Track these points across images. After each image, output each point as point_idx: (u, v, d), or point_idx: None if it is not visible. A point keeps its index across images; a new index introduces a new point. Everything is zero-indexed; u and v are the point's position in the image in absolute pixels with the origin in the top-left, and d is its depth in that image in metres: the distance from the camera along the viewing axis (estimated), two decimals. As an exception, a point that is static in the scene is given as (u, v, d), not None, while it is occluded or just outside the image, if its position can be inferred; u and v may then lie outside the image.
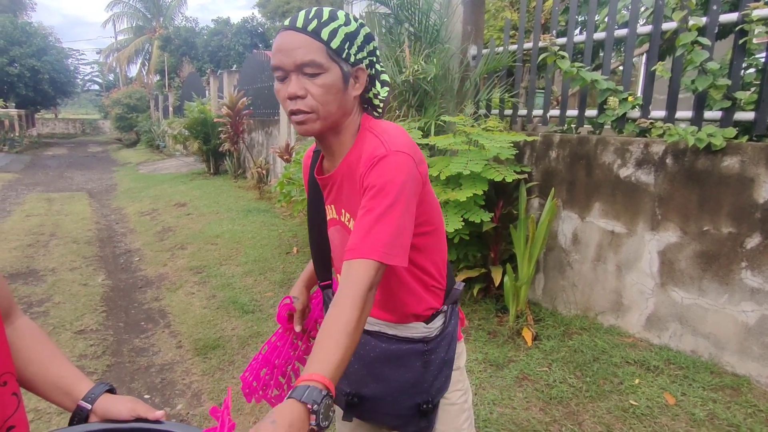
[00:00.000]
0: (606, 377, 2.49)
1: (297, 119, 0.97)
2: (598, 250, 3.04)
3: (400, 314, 1.10)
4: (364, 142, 1.00)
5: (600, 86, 2.94)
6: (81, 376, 0.88)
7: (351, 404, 1.13)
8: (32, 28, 23.54)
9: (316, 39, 0.92)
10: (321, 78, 0.93)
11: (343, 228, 1.08)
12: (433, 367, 1.09)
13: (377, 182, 0.91)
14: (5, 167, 13.24)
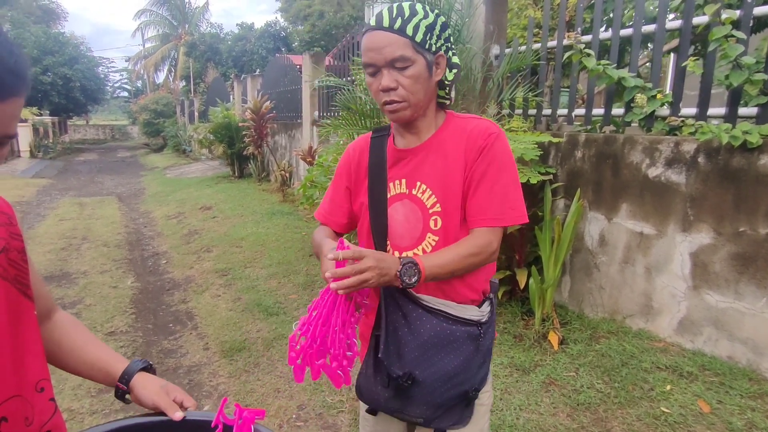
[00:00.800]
0: (636, 383, 2.42)
1: (390, 108, 1.10)
2: (626, 252, 2.96)
3: (466, 293, 1.17)
4: (455, 121, 1.18)
5: (627, 84, 2.87)
6: (117, 357, 0.92)
7: (401, 388, 1.12)
8: (64, 37, 24.36)
9: (402, 36, 1.05)
10: (410, 70, 1.06)
11: (412, 200, 1.17)
12: (482, 352, 1.16)
13: (499, 154, 1.11)
14: (40, 173, 13.71)
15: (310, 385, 2.64)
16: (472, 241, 1.09)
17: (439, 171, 1.14)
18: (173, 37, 29.94)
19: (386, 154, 1.19)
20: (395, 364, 1.11)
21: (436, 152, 1.15)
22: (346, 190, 1.28)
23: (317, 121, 7.59)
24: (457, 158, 1.13)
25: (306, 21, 22.47)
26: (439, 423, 1.16)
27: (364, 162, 1.23)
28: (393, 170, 1.20)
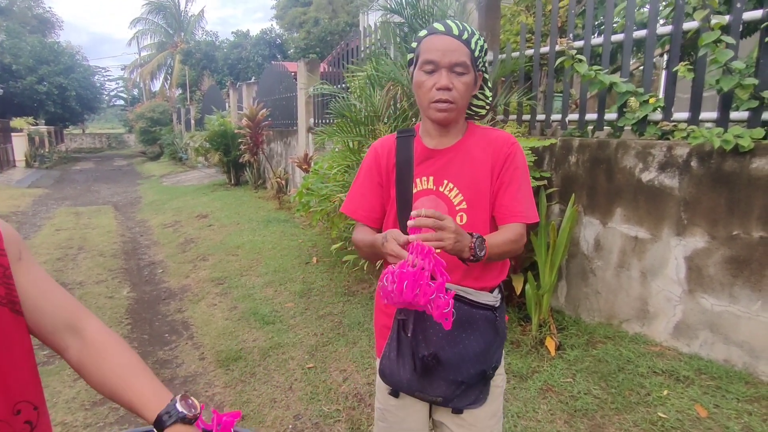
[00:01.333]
0: (632, 388, 2.41)
1: (441, 107, 1.20)
2: (622, 257, 2.96)
3: (484, 280, 1.27)
4: (478, 130, 1.31)
5: (619, 89, 2.88)
6: (147, 398, 0.82)
7: (426, 367, 1.22)
8: (60, 47, 24.38)
9: (467, 46, 1.18)
10: (465, 77, 1.18)
11: (439, 197, 1.27)
12: (500, 333, 1.27)
13: (521, 163, 1.26)
14: (36, 182, 13.68)
15: (306, 394, 2.63)
16: (513, 230, 1.21)
17: (466, 172, 1.26)
18: (169, 45, 29.99)
19: (413, 152, 1.29)
20: (421, 345, 1.22)
21: (464, 155, 1.27)
22: (378, 185, 1.34)
23: (313, 129, 7.60)
24: (483, 162, 1.26)
25: (301, 28, 22.55)
26: (458, 402, 1.26)
27: (392, 159, 1.32)
28: (421, 167, 1.29)
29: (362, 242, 1.28)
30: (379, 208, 1.35)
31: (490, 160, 1.25)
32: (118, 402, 0.85)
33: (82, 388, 2.79)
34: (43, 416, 0.85)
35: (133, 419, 2.53)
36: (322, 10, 22.88)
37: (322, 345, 3.15)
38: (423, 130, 1.32)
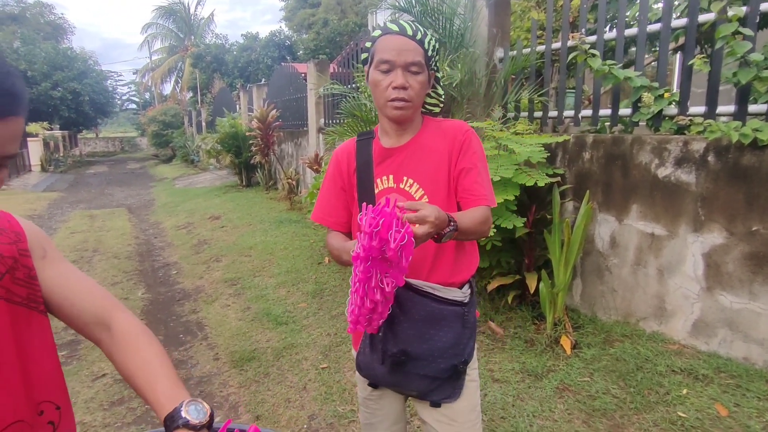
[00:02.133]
0: (651, 387, 2.38)
1: (398, 105, 1.22)
2: (638, 254, 2.92)
3: (453, 276, 1.29)
4: (432, 123, 1.33)
5: (634, 83, 2.84)
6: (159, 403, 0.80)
7: (397, 362, 1.25)
8: (73, 53, 24.73)
9: (420, 46, 1.21)
10: (420, 76, 1.21)
11: (401, 194, 1.29)
12: (468, 328, 1.29)
13: (478, 148, 1.29)
14: (51, 186, 13.89)
15: (321, 394, 2.63)
16: (481, 212, 1.23)
17: (424, 166, 1.28)
18: (179, 48, 30.26)
19: (372, 153, 1.32)
20: (390, 342, 1.25)
21: (420, 150, 1.29)
22: (341, 190, 1.37)
23: (323, 129, 7.62)
24: (440, 153, 1.28)
25: (310, 29, 22.61)
26: (433, 396, 1.29)
27: (352, 163, 1.35)
28: (380, 167, 1.32)
29: (335, 249, 1.30)
30: (346, 213, 1.37)
31: (447, 149, 1.28)
32: (141, 398, 0.86)
33: (101, 389, 2.82)
34: (66, 416, 0.86)
35: (150, 419, 2.55)
36: (330, 11, 22.93)
37: (335, 345, 3.15)
38: (381, 130, 1.35)
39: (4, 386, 0.74)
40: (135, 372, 0.85)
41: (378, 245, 0.96)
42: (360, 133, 1.39)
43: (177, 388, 0.82)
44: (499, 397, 2.41)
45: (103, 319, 0.89)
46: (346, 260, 1.19)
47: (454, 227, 1.10)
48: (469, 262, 1.34)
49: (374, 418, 1.44)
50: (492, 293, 3.33)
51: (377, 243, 0.96)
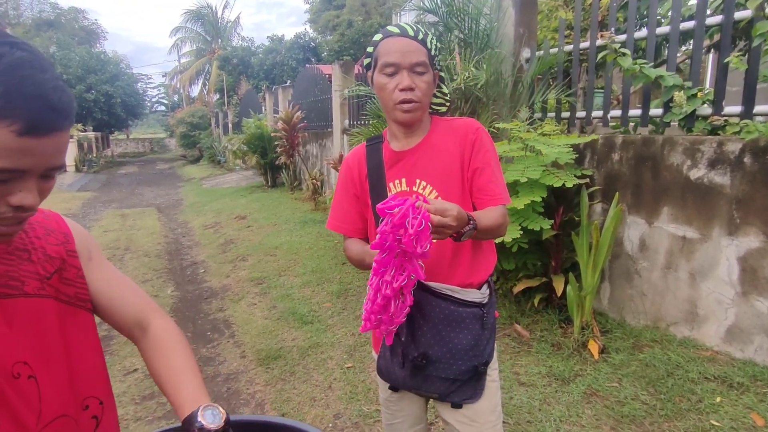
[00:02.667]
0: (683, 394, 2.32)
1: (407, 107, 1.22)
2: (669, 257, 2.85)
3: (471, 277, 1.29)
4: (442, 122, 1.33)
5: (666, 83, 2.78)
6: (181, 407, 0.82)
7: (418, 366, 1.26)
8: (106, 56, 25.51)
9: (424, 46, 1.21)
10: (426, 76, 1.21)
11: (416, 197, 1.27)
12: (487, 329, 1.29)
13: (490, 146, 1.28)
14: (85, 186, 14.34)
15: (346, 394, 2.65)
16: (499, 212, 1.23)
17: (436, 166, 1.28)
18: (207, 51, 30.87)
19: (383, 157, 1.32)
20: (410, 346, 1.26)
21: (431, 151, 1.29)
22: (354, 196, 1.37)
23: (347, 130, 7.66)
24: (452, 153, 1.27)
25: (335, 31, 22.78)
26: (454, 397, 1.29)
27: (363, 169, 1.35)
28: (392, 171, 1.32)
29: (355, 254, 1.33)
30: (360, 219, 1.38)
31: (458, 149, 1.27)
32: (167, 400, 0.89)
33: (132, 383, 2.90)
34: (109, 410, 0.89)
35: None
36: (355, 13, 23.06)
37: (360, 345, 3.17)
38: (390, 134, 1.34)
39: (52, 382, 0.77)
40: (163, 375, 0.89)
41: (394, 230, 0.97)
42: (369, 138, 1.39)
43: (199, 393, 0.84)
44: (525, 401, 2.39)
45: (141, 321, 0.92)
46: (369, 263, 1.18)
47: (473, 226, 1.10)
48: (486, 261, 1.34)
49: (395, 419, 1.46)
50: (518, 295, 3.29)
51: (393, 228, 0.97)
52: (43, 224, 0.86)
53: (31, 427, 0.73)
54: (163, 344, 0.92)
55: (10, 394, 0.71)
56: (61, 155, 0.70)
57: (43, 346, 0.77)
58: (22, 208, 0.68)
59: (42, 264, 0.81)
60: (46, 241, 0.84)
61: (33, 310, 0.77)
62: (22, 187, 0.67)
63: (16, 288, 0.76)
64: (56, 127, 0.66)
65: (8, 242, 0.78)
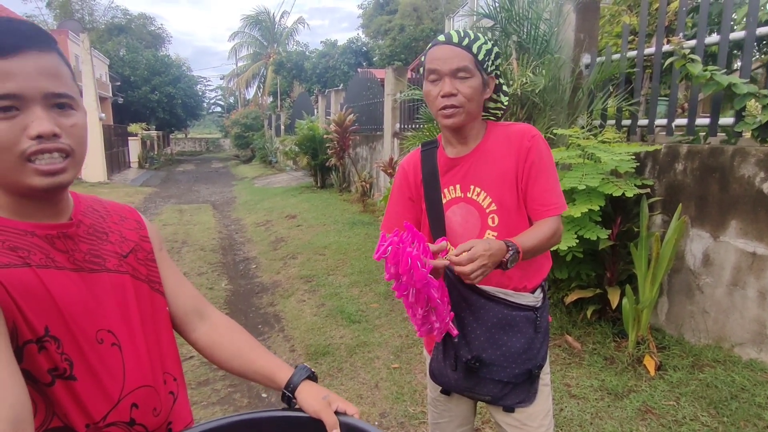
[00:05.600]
0: (748, 419, 2.20)
1: (447, 113, 1.22)
2: (735, 274, 2.71)
3: (524, 281, 1.29)
4: (498, 128, 1.31)
5: (739, 90, 2.65)
6: (280, 365, 0.95)
7: (470, 369, 1.27)
8: (169, 59, 26.89)
9: (468, 51, 1.20)
10: (469, 81, 1.20)
11: (469, 203, 1.31)
12: (541, 332, 1.29)
13: (545, 153, 1.26)
14: (147, 182, 15.15)
15: (392, 393, 2.68)
16: (549, 225, 1.22)
17: (491, 173, 1.28)
18: (263, 56, 31.90)
19: (437, 163, 1.33)
20: (464, 349, 1.26)
21: (485, 157, 1.29)
22: (409, 200, 1.39)
23: (398, 133, 7.72)
24: (507, 161, 1.26)
25: (386, 35, 22.99)
26: (506, 401, 1.29)
27: (418, 174, 1.36)
28: (446, 177, 1.33)
29: None
30: (415, 224, 1.38)
31: (514, 156, 1.26)
32: (246, 371, 0.96)
33: (188, 370, 3.05)
34: (182, 388, 0.94)
35: (233, 401, 2.73)
36: (407, 18, 23.18)
37: (407, 347, 3.19)
38: (444, 140, 1.35)
39: (135, 352, 0.83)
40: (245, 348, 0.98)
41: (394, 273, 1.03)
42: (424, 143, 1.39)
43: (278, 359, 0.98)
44: (576, 414, 2.33)
45: (202, 310, 1.01)
46: None
47: (514, 250, 1.11)
48: (541, 266, 1.33)
49: (442, 418, 1.47)
50: (569, 306, 3.22)
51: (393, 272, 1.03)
52: (118, 212, 0.94)
53: (115, 393, 0.79)
54: (232, 326, 1.02)
55: (93, 358, 0.76)
56: (54, 81, 0.73)
57: (125, 318, 0.83)
58: (42, 138, 0.71)
59: (119, 244, 0.88)
60: (121, 225, 0.92)
61: (114, 284, 0.84)
62: (33, 117, 0.71)
63: (98, 264, 0.83)
64: (20, 45, 0.70)
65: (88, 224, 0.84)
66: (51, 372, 0.72)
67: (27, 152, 0.71)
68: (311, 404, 0.87)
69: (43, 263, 0.74)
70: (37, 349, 0.71)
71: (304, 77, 22.65)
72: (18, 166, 0.71)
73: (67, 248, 0.79)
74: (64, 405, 0.73)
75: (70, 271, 0.78)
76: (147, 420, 0.83)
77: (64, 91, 0.74)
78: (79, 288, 0.77)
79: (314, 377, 0.94)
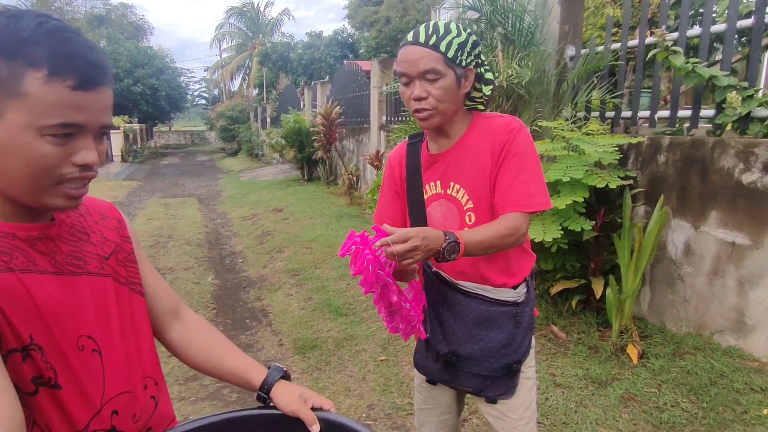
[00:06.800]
0: (726, 404, 2.25)
1: (420, 116, 1.21)
2: (716, 263, 2.76)
3: (504, 277, 1.28)
4: (482, 120, 1.28)
5: (720, 83, 2.69)
6: (254, 365, 0.95)
7: (448, 363, 1.29)
8: (152, 51, 26.38)
9: (435, 51, 1.15)
10: (439, 82, 1.17)
11: (449, 200, 1.29)
12: (522, 328, 1.28)
13: (521, 148, 1.20)
14: (130, 175, 14.93)
15: (379, 386, 2.69)
16: (505, 222, 1.18)
17: (469, 170, 1.26)
18: (248, 47, 31.52)
19: (421, 158, 1.32)
20: (441, 344, 1.29)
21: (466, 153, 1.26)
22: (395, 194, 1.40)
23: (385, 126, 7.70)
24: (484, 156, 1.24)
25: (372, 27, 22.84)
26: (488, 392, 1.32)
27: (403, 168, 1.36)
28: (428, 173, 1.32)
29: None
30: (402, 216, 1.39)
31: (490, 150, 1.23)
32: (219, 371, 0.96)
33: (176, 365, 3.03)
34: (163, 391, 0.93)
35: (221, 396, 2.72)
36: (393, 9, 23.04)
37: (393, 339, 3.21)
38: (428, 134, 1.34)
39: (114, 358, 0.81)
40: (218, 349, 0.98)
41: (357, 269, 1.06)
42: (411, 135, 1.39)
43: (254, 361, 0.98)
44: (561, 402, 2.37)
45: (177, 310, 1.01)
46: None
47: (451, 242, 1.07)
48: (522, 263, 1.32)
49: (426, 405, 1.50)
50: (555, 297, 3.26)
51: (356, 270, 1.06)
52: (98, 210, 0.92)
53: (96, 400, 0.77)
54: (205, 327, 1.03)
55: (76, 364, 0.75)
56: (109, 113, 0.75)
57: (105, 323, 0.81)
58: (86, 167, 0.72)
59: (100, 245, 0.86)
60: (102, 225, 0.89)
61: (95, 288, 0.81)
62: (83, 145, 0.71)
63: (79, 267, 0.80)
64: (101, 81, 0.71)
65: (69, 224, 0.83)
66: (35, 381, 0.71)
67: (65, 177, 0.71)
68: (287, 403, 0.87)
69: (25, 267, 0.72)
70: (21, 358, 0.69)
71: (289, 69, 22.46)
72: (49, 188, 0.71)
73: (48, 250, 0.77)
74: (46, 414, 0.72)
75: (51, 274, 0.75)
76: (127, 427, 0.81)
77: (111, 122, 0.77)
78: (60, 293, 0.75)
79: (287, 376, 0.94)
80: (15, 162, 0.68)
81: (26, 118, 0.67)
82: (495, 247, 1.17)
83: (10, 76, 0.66)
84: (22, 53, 0.65)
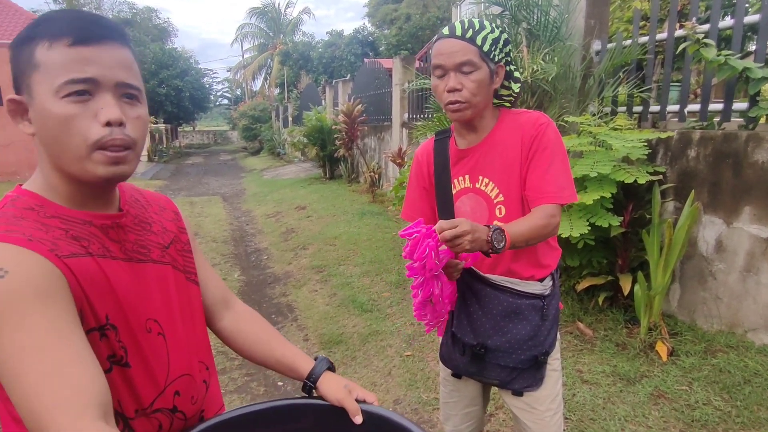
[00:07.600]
0: (761, 403, 2.21)
1: (453, 108, 1.23)
2: (749, 260, 2.70)
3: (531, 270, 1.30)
4: (509, 116, 1.30)
5: (754, 75, 2.62)
6: (299, 355, 0.99)
7: (476, 355, 1.31)
8: (177, 52, 26.86)
9: (472, 44, 1.19)
10: (474, 74, 1.20)
11: (477, 194, 1.32)
12: (548, 320, 1.30)
13: (551, 141, 1.23)
14: (156, 175, 15.25)
15: (405, 381, 2.72)
16: (541, 213, 1.20)
17: (499, 164, 1.28)
18: (269, 47, 31.82)
19: (449, 154, 1.35)
20: (469, 336, 1.31)
21: (494, 148, 1.29)
22: (423, 189, 1.43)
23: (407, 123, 7.71)
24: (514, 150, 1.26)
25: (392, 25, 22.81)
26: (514, 385, 1.33)
27: (431, 164, 1.39)
28: (456, 168, 1.34)
29: None
30: (430, 212, 1.42)
31: (519, 145, 1.25)
32: (267, 360, 1.00)
33: (206, 358, 3.11)
34: (214, 377, 0.97)
35: (249, 390, 2.78)
36: (413, 6, 22.96)
37: (419, 335, 3.23)
38: (456, 130, 1.36)
39: (176, 342, 0.86)
40: (267, 337, 1.02)
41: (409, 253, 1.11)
42: (438, 132, 1.41)
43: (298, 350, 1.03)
44: (588, 399, 2.36)
45: (228, 300, 1.05)
46: None
47: (495, 231, 1.09)
48: (549, 257, 1.34)
49: (451, 398, 1.52)
50: (581, 293, 3.23)
51: (409, 257, 1.11)
52: (157, 202, 0.98)
53: (161, 381, 0.82)
54: (255, 316, 1.06)
55: (144, 345, 0.80)
56: (125, 70, 0.76)
57: (168, 308, 0.86)
58: (110, 124, 0.73)
59: (161, 235, 0.91)
60: (161, 216, 0.95)
61: (158, 274, 0.87)
62: (103, 103, 0.73)
63: (144, 255, 0.85)
64: (102, 35, 0.74)
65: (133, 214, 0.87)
66: (110, 359, 0.76)
67: (99, 142, 0.73)
68: (333, 393, 0.90)
69: (101, 252, 0.77)
70: (99, 337, 0.74)
71: (310, 68, 22.58)
72: (89, 154, 0.74)
73: (119, 238, 0.82)
74: (118, 391, 0.76)
75: (122, 261, 0.81)
76: (186, 407, 0.86)
77: (134, 83, 0.78)
78: (130, 277, 0.80)
79: (333, 368, 0.99)
80: (53, 132, 0.73)
81: (45, 86, 0.71)
82: (534, 239, 1.19)
83: (29, 56, 0.72)
84: (34, 33, 0.73)
